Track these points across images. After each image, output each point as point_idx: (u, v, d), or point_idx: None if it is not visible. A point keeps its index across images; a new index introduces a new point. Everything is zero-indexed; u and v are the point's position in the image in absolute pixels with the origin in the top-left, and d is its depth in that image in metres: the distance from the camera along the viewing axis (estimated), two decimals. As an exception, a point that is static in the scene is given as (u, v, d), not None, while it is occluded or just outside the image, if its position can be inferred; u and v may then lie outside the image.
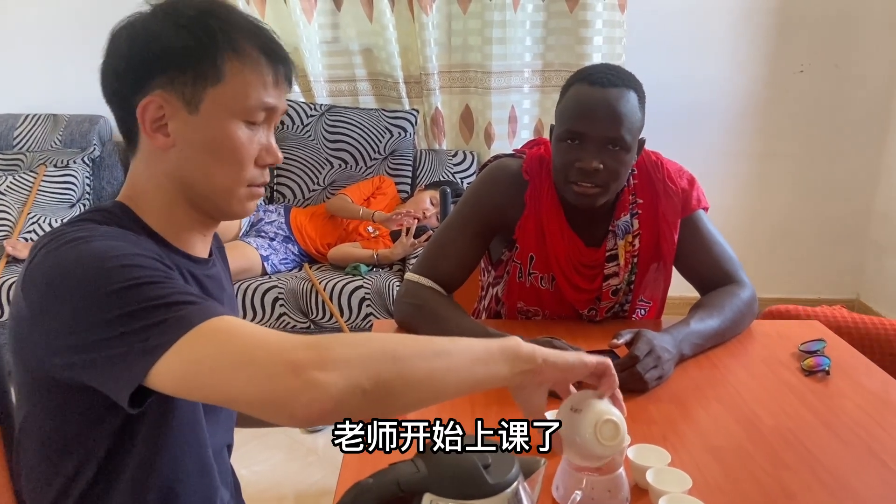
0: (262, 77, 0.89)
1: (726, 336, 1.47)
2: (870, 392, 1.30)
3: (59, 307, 0.77)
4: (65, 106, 3.35)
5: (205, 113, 0.87)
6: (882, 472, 1.06)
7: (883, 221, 3.48)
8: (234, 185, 0.91)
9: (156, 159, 0.90)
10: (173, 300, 0.75)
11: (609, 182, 1.41)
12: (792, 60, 3.37)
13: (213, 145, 0.88)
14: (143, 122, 0.87)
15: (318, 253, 3.08)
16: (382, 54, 3.30)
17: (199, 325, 0.72)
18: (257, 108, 0.89)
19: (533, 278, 1.57)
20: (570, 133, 1.39)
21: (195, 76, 0.86)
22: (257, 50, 0.88)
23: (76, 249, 0.79)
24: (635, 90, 1.41)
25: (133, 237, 0.85)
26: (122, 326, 0.73)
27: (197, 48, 0.86)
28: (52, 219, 3.06)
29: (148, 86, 0.86)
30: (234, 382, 0.69)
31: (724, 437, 1.15)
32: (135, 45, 0.87)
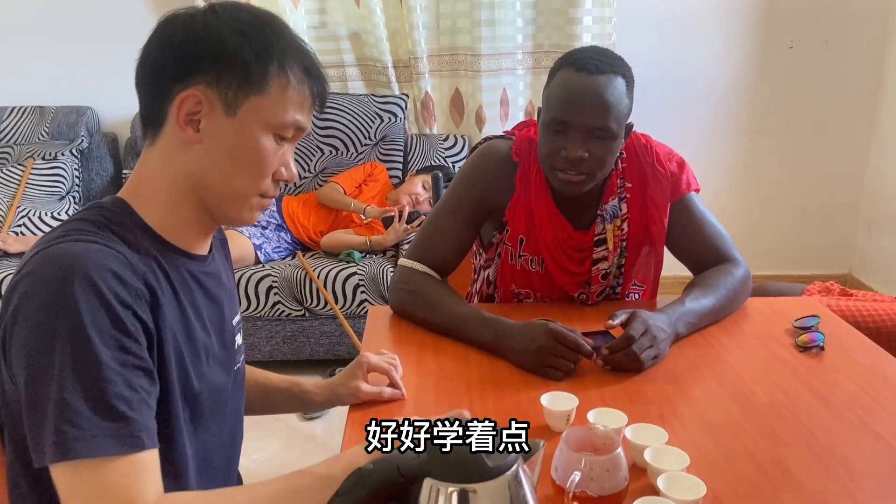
0: (302, 97, 0.90)
1: (721, 314, 1.48)
2: (864, 367, 1.31)
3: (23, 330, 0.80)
4: (51, 97, 3.31)
5: (241, 118, 0.88)
6: (877, 446, 1.07)
7: (873, 196, 3.49)
8: (249, 192, 0.92)
9: (175, 153, 0.90)
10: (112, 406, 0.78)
11: (594, 170, 1.41)
12: (782, 36, 3.37)
13: (240, 151, 0.89)
14: (177, 113, 0.87)
15: (311, 241, 3.07)
16: (370, 39, 3.27)
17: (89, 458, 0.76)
18: (290, 126, 0.91)
19: (523, 261, 1.58)
20: (555, 121, 1.38)
21: (241, 81, 0.87)
22: (302, 70, 0.90)
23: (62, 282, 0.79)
24: (623, 76, 1.39)
25: (124, 257, 0.84)
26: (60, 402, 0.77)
27: (251, 56, 0.86)
28: (41, 212, 3.04)
29: (192, 78, 0.86)
30: None
31: (721, 415, 1.16)
32: (190, 34, 0.87)
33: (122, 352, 0.80)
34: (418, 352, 1.38)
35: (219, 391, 1.00)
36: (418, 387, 1.25)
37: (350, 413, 1.18)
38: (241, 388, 1.11)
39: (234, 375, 1.05)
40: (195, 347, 0.94)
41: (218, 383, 1.00)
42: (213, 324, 1.00)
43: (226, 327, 1.04)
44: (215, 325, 1.00)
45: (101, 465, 0.77)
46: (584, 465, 0.88)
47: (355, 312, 2.80)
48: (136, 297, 0.83)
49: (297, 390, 1.23)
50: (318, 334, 2.85)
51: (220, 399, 1.01)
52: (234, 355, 1.05)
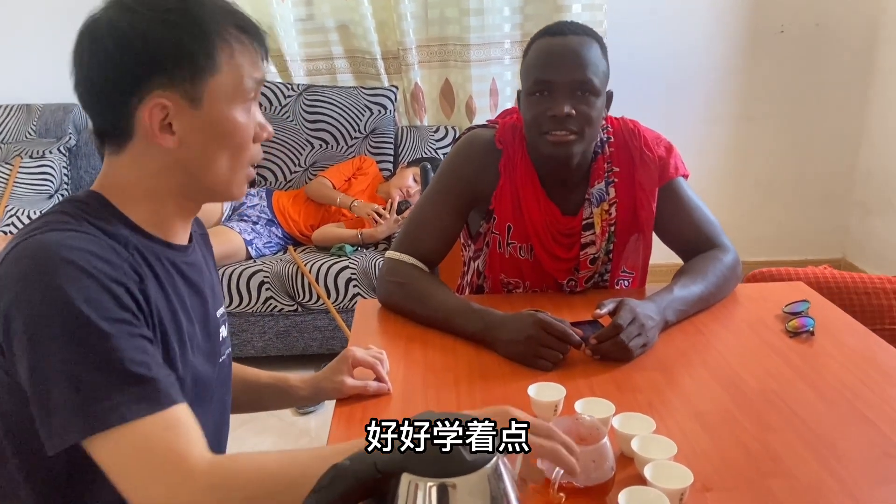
0: (251, 57, 0.90)
1: (710, 301, 1.47)
2: (854, 351, 1.30)
3: (19, 327, 0.78)
4: (37, 95, 3.29)
5: (207, 105, 0.87)
6: (867, 431, 1.06)
7: (866, 180, 3.48)
8: (237, 168, 0.92)
9: (151, 157, 0.89)
10: (129, 371, 0.77)
11: (583, 127, 1.40)
12: (772, 20, 3.35)
13: (219, 134, 0.89)
14: (150, 125, 0.86)
15: (303, 235, 3.05)
16: (359, 30, 3.25)
17: (126, 424, 0.76)
18: (251, 88, 0.90)
19: (512, 248, 1.56)
20: (538, 83, 1.39)
21: (193, 71, 0.85)
22: (240, 32, 0.88)
23: (43, 271, 0.78)
24: (596, 41, 1.42)
25: (105, 241, 0.84)
26: (74, 380, 0.76)
27: (191, 43, 0.84)
28: (30, 210, 3.02)
29: (145, 87, 0.85)
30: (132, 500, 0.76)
31: (710, 402, 1.15)
32: (126, 48, 0.84)
33: (122, 323, 0.80)
34: (406, 344, 1.37)
35: (204, 382, 1.00)
36: (406, 379, 1.24)
37: (336, 408, 1.16)
38: (226, 381, 1.10)
39: (220, 368, 1.05)
40: (180, 335, 0.94)
41: (202, 374, 0.99)
42: (195, 313, 0.99)
43: (209, 318, 1.03)
44: (198, 314, 1.00)
45: (137, 428, 0.76)
46: None
47: (348, 306, 2.79)
48: (123, 274, 0.83)
49: (284, 386, 1.22)
50: (311, 329, 2.83)
51: (206, 390, 1.01)
52: (218, 347, 1.05)
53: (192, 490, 0.75)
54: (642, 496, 0.86)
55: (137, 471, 0.75)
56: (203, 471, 0.76)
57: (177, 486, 0.74)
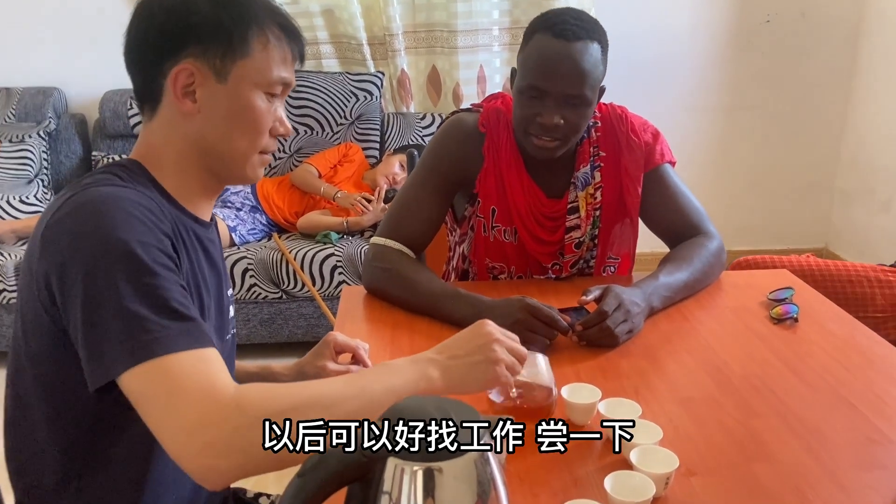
0: (283, 54, 0.96)
1: (696, 287, 1.47)
2: (837, 337, 1.31)
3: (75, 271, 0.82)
4: (17, 78, 3.23)
5: (232, 83, 0.93)
6: (850, 415, 1.07)
7: (849, 169, 3.51)
8: (250, 150, 0.97)
9: (177, 124, 0.95)
10: (175, 309, 0.82)
11: (569, 135, 1.41)
12: (758, 10, 3.35)
13: (236, 113, 0.94)
14: (173, 88, 0.92)
15: (287, 222, 3.03)
16: (344, 15, 3.21)
17: (168, 355, 0.79)
18: (277, 82, 0.96)
19: (496, 232, 1.56)
20: (531, 87, 1.38)
21: (226, 49, 0.92)
22: (279, 28, 0.95)
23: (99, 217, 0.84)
24: (599, 41, 1.39)
25: (154, 206, 0.90)
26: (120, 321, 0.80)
27: (231, 24, 0.92)
28: (10, 195, 2.97)
29: (180, 54, 0.91)
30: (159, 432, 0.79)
31: (695, 388, 1.15)
32: (172, 15, 0.92)
33: (167, 269, 0.85)
34: (392, 331, 1.36)
35: None
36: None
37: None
38: (230, 358, 1.12)
39: (226, 344, 1.08)
40: (200, 305, 0.98)
41: None
42: (212, 289, 1.03)
43: (223, 295, 1.07)
44: (214, 290, 1.03)
45: (176, 359, 0.79)
46: None
47: (333, 294, 2.77)
48: (168, 229, 0.90)
49: (266, 374, 1.22)
50: (296, 316, 2.82)
51: None
52: (227, 324, 1.09)
53: (221, 409, 0.77)
54: (628, 480, 0.87)
55: (169, 397, 0.78)
56: (232, 394, 0.79)
57: (207, 408, 0.77)
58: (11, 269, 2.73)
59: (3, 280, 2.72)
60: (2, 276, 2.72)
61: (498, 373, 0.91)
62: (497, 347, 0.92)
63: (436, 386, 0.88)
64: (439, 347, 0.94)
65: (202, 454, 0.76)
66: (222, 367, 0.83)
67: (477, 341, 0.93)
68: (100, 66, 3.22)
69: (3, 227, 2.86)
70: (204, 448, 0.76)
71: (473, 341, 0.93)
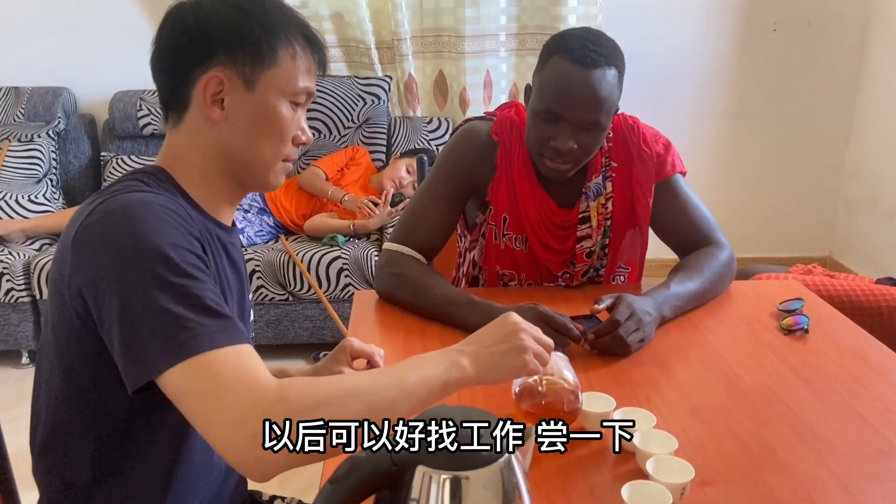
0: (308, 64, 0.98)
1: (706, 297, 1.49)
2: (847, 349, 1.32)
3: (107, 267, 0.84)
4: (26, 78, 3.24)
5: (259, 91, 0.95)
6: (859, 427, 1.09)
7: (853, 178, 3.53)
8: (274, 158, 0.99)
9: (204, 131, 0.96)
10: (210, 307, 0.83)
11: (581, 159, 1.44)
12: (765, 19, 3.37)
13: (262, 121, 0.96)
14: (203, 95, 0.94)
15: (294, 224, 3.04)
16: (353, 19, 3.23)
17: (208, 352, 0.80)
18: (302, 91, 0.98)
19: (507, 240, 1.58)
20: (547, 112, 1.39)
21: (255, 58, 0.94)
22: (304, 40, 0.98)
23: (130, 221, 0.85)
24: (616, 66, 1.39)
25: (182, 211, 0.91)
26: (158, 321, 0.81)
27: (261, 33, 0.94)
28: (18, 195, 2.98)
29: (210, 62, 0.93)
30: (205, 428, 0.79)
31: (707, 398, 1.17)
32: (202, 22, 0.94)
33: (200, 270, 0.87)
34: (405, 337, 1.37)
35: None
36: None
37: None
38: None
39: None
40: None
41: None
42: (235, 292, 1.04)
43: (245, 299, 1.09)
44: (236, 294, 1.05)
45: (216, 356, 0.80)
46: None
47: (339, 296, 2.79)
48: (195, 237, 0.91)
49: (282, 376, 1.22)
50: (302, 318, 2.83)
51: None
52: (248, 328, 1.11)
53: (266, 400, 0.78)
54: (645, 490, 0.88)
55: (213, 392, 0.79)
56: (275, 385, 0.80)
57: (252, 400, 0.78)
58: (20, 269, 2.74)
59: (12, 279, 2.73)
60: (10, 275, 2.73)
61: (526, 360, 0.91)
62: (524, 336, 0.92)
63: (467, 374, 0.88)
64: (468, 339, 0.94)
65: (250, 445, 0.76)
66: (260, 362, 0.84)
67: (504, 330, 0.93)
68: (109, 66, 3.24)
69: (12, 227, 2.88)
70: (251, 439, 0.76)
71: (500, 331, 0.93)
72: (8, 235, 2.86)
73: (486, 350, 0.91)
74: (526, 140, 1.48)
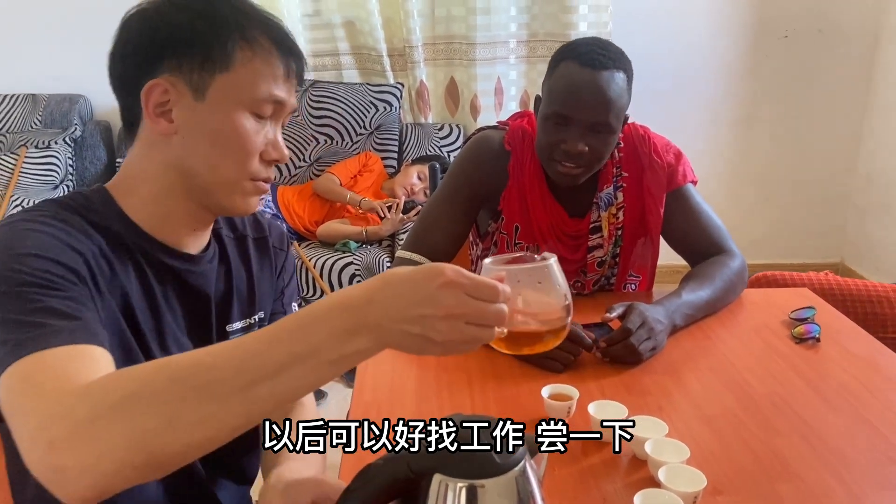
0: (273, 69, 0.86)
1: (717, 306, 1.49)
2: (858, 358, 1.33)
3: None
4: (43, 85, 3.29)
5: (211, 100, 0.84)
6: (871, 436, 1.09)
7: (865, 184, 3.52)
8: (237, 177, 0.88)
9: (155, 147, 0.87)
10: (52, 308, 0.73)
11: (592, 163, 1.44)
12: (776, 26, 3.37)
13: (218, 135, 0.85)
14: (146, 106, 0.84)
15: (307, 230, 3.07)
16: (365, 27, 3.26)
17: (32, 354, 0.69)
18: (266, 101, 0.87)
19: (519, 248, 1.59)
20: (557, 115, 1.40)
21: (203, 60, 0.83)
22: (269, 41, 0.86)
23: None
24: (624, 70, 1.41)
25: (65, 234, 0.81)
26: None
27: (207, 32, 0.83)
28: (35, 201, 3.01)
29: (156, 69, 0.84)
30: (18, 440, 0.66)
31: (718, 406, 1.18)
32: (145, 28, 0.85)
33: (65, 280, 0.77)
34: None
35: None
36: (419, 379, 1.26)
37: (352, 405, 1.19)
38: None
39: None
40: (134, 329, 0.88)
41: None
42: (191, 325, 0.96)
43: (212, 331, 0.99)
44: (195, 326, 0.96)
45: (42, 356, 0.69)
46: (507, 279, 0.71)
47: (351, 302, 2.80)
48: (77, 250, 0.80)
49: None
50: (315, 324, 2.85)
51: None
52: None
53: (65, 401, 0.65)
54: (657, 498, 0.89)
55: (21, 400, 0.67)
56: (83, 383, 0.66)
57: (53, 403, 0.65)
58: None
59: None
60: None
61: (434, 352, 0.66)
62: (444, 328, 0.64)
63: (366, 348, 0.66)
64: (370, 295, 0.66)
65: (47, 455, 0.63)
66: (96, 364, 0.71)
67: (422, 309, 0.64)
68: (125, 74, 3.27)
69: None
70: (48, 448, 0.63)
71: (417, 304, 0.64)
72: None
73: (393, 325, 0.65)
74: (536, 147, 1.49)
